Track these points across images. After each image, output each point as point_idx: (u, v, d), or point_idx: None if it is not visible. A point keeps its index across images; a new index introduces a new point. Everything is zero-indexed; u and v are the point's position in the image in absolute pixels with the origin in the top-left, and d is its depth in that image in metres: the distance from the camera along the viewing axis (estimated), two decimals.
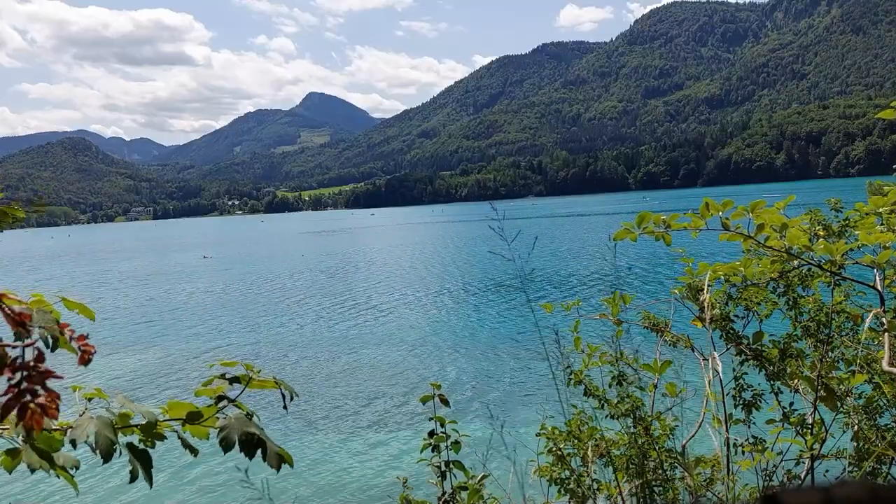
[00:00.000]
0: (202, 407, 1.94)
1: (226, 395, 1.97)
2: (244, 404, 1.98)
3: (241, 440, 1.84)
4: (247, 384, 2.02)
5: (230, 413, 1.93)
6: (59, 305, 1.70)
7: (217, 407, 1.92)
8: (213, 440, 1.86)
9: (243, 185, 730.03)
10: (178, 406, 1.95)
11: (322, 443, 19.97)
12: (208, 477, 17.91)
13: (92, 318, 1.91)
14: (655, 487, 4.00)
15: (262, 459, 1.89)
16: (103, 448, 1.70)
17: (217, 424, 1.88)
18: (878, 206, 3.61)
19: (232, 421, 1.88)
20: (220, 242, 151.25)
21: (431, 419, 4.43)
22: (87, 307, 1.87)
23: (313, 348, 32.70)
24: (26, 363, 1.47)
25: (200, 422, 1.93)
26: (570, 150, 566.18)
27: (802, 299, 4.24)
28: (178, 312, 47.70)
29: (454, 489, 4.32)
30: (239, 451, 1.84)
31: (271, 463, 1.89)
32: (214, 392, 1.97)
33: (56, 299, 1.72)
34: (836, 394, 3.96)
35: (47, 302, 1.66)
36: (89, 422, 1.76)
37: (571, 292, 43.33)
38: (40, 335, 1.55)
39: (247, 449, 1.84)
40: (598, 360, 4.41)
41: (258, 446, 1.86)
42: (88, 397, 1.94)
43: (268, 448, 1.88)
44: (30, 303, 1.61)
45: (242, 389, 2.01)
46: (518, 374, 25.47)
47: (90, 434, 1.72)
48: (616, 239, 3.59)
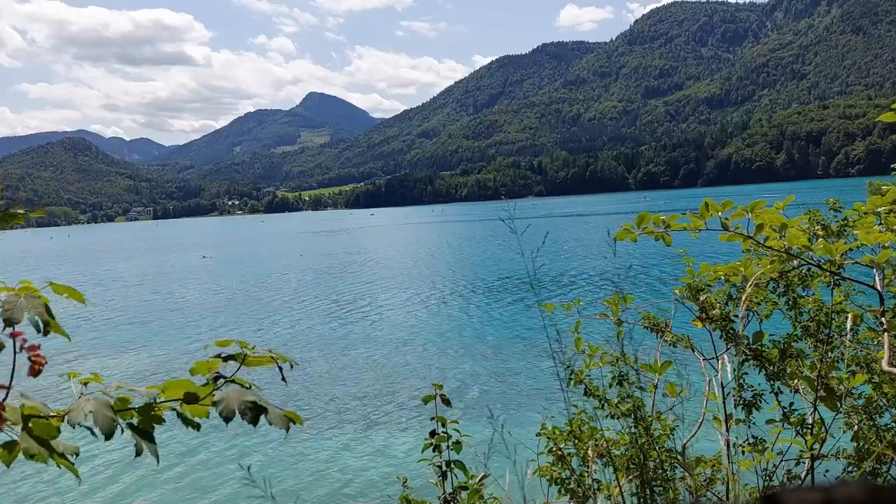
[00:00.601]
0: (199, 386, 1.92)
1: (221, 373, 1.94)
2: (242, 379, 1.95)
3: (241, 409, 1.81)
4: (242, 361, 2.00)
5: (227, 388, 1.91)
6: (46, 291, 1.67)
7: (213, 386, 1.90)
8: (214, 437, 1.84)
9: (243, 185, 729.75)
10: (176, 385, 1.93)
11: (322, 442, 19.98)
12: (210, 475, 17.92)
13: (82, 300, 1.87)
14: (656, 487, 4.00)
15: (268, 424, 1.86)
16: (103, 425, 1.67)
17: (215, 398, 1.86)
18: (876, 206, 3.61)
19: (229, 393, 1.86)
20: (219, 242, 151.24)
21: (433, 419, 4.43)
22: (75, 290, 1.83)
23: (313, 348, 32.71)
24: None
25: (198, 402, 1.90)
26: (570, 150, 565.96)
27: (802, 299, 4.24)
28: (177, 312, 47.69)
29: (455, 489, 4.32)
30: (241, 419, 1.81)
31: (278, 424, 1.87)
32: (209, 368, 1.96)
33: (43, 284, 1.69)
34: (836, 394, 3.97)
35: (35, 288, 1.63)
36: (86, 402, 1.73)
37: (575, 292, 43.30)
38: (31, 322, 1.51)
39: (249, 415, 1.81)
40: (598, 360, 4.42)
41: (260, 412, 1.84)
42: (84, 382, 1.92)
43: (270, 412, 1.86)
44: (17, 289, 1.58)
45: (239, 367, 1.99)
46: (522, 373, 25.48)
47: (87, 413, 1.69)
48: (616, 239, 3.59)
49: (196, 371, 1.97)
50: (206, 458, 19.10)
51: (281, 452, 19.30)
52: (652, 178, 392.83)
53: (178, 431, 20.58)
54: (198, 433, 1.88)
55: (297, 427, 1.78)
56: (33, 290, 1.62)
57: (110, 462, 18.83)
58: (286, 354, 2.08)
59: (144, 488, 17.42)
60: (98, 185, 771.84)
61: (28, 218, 1.78)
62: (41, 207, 1.99)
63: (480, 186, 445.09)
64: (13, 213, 1.90)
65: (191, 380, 1.93)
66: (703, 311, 4.29)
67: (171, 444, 19.45)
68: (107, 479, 17.95)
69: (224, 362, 1.99)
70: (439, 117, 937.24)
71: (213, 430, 21.09)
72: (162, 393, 1.91)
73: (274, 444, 19.76)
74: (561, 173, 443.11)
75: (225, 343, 2.06)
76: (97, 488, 17.44)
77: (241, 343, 2.04)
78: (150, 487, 17.45)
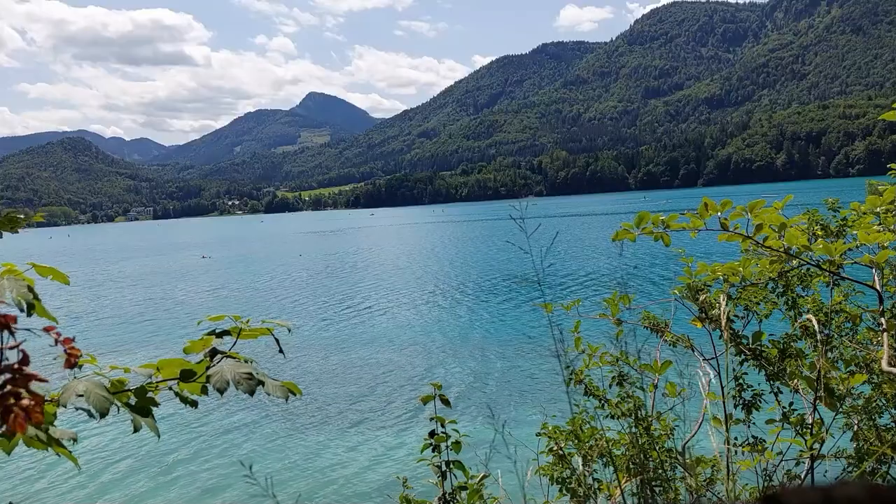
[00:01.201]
0: (195, 364, 1.88)
1: (217, 348, 1.91)
2: (239, 354, 1.92)
3: (236, 380, 1.78)
4: (238, 335, 1.95)
5: (223, 362, 1.87)
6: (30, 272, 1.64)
7: (209, 362, 1.86)
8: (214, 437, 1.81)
9: (243, 185, 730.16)
10: (170, 364, 1.89)
11: (323, 441, 19.99)
12: (212, 473, 17.93)
13: (66, 282, 1.85)
14: (656, 487, 4.01)
15: (266, 393, 1.83)
16: (96, 404, 1.63)
17: (209, 372, 1.82)
18: (874, 206, 3.61)
19: (224, 366, 1.83)
20: (218, 242, 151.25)
21: (432, 419, 4.44)
22: (59, 271, 1.81)
23: (312, 347, 32.71)
24: (10, 366, 1.44)
25: (194, 379, 1.86)
26: (570, 150, 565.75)
27: (801, 299, 4.24)
28: (175, 312, 47.70)
29: (454, 489, 4.32)
30: (235, 390, 1.77)
31: (276, 394, 1.85)
32: (203, 346, 1.92)
33: (27, 266, 1.66)
34: (836, 394, 3.97)
35: (18, 270, 1.62)
36: (78, 383, 1.71)
37: (580, 293, 43.30)
38: (14, 302, 1.51)
39: (245, 385, 1.77)
40: (598, 360, 4.42)
41: (257, 384, 1.81)
42: (79, 364, 1.84)
43: (267, 383, 1.83)
44: (1, 272, 1.58)
45: (234, 342, 1.95)
46: (523, 373, 25.49)
47: (80, 392, 1.67)
48: (615, 239, 3.60)
49: (190, 350, 1.94)
50: (207, 458, 19.11)
51: (281, 452, 19.30)
52: (652, 178, 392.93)
53: (179, 432, 20.59)
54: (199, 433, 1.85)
55: (298, 427, 1.74)
56: (17, 272, 1.60)
57: (111, 462, 18.84)
58: (283, 322, 2.02)
59: (145, 488, 17.42)
60: (98, 185, 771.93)
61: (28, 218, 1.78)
62: (40, 209, 1.97)
63: (480, 186, 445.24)
64: (14, 217, 1.89)
65: (185, 359, 1.89)
66: (702, 311, 4.30)
67: (171, 444, 19.46)
68: (107, 478, 17.95)
69: (219, 339, 1.95)
70: (439, 117, 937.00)
71: (214, 430, 21.12)
72: (157, 372, 1.88)
73: (275, 444, 19.78)
74: (561, 173, 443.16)
75: (218, 318, 2.02)
76: (98, 488, 17.44)
77: (234, 317, 2.00)
78: (151, 487, 17.44)
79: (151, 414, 1.81)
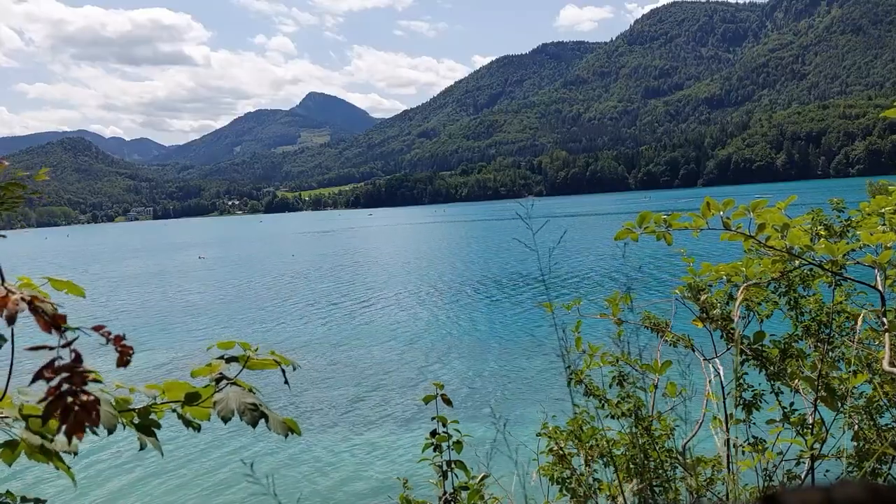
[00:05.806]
0: (201, 388, 1.89)
1: (224, 374, 1.92)
2: (245, 382, 1.93)
3: (241, 409, 1.79)
4: (245, 364, 1.97)
5: (228, 389, 1.88)
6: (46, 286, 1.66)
7: (215, 388, 1.87)
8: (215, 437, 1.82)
9: (243, 185, 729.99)
10: (176, 386, 1.90)
11: (323, 441, 19.99)
12: (213, 474, 17.94)
13: (82, 295, 1.86)
14: (656, 487, 4.00)
15: (268, 428, 1.85)
16: (104, 420, 1.62)
17: (214, 398, 1.83)
18: (881, 206, 3.61)
19: (230, 394, 1.84)
20: (217, 242, 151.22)
21: (434, 419, 4.43)
22: (75, 285, 1.81)
23: (313, 347, 32.70)
24: (67, 364, 1.45)
25: (199, 403, 1.87)
26: (570, 150, 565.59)
27: (803, 299, 4.24)
28: (173, 312, 47.68)
29: (455, 489, 4.32)
30: (240, 419, 1.78)
31: (277, 430, 1.86)
32: (211, 370, 1.93)
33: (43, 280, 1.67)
34: (837, 394, 3.96)
35: (35, 284, 1.62)
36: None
37: (584, 293, 43.30)
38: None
39: (249, 416, 1.79)
40: (599, 360, 4.42)
41: (260, 416, 1.82)
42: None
43: (270, 418, 1.84)
44: (18, 286, 1.57)
45: (241, 369, 1.96)
46: (524, 373, 25.48)
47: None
48: (616, 238, 3.60)
49: (197, 374, 1.96)
50: (207, 457, 19.12)
51: (282, 452, 19.30)
52: (652, 178, 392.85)
53: (180, 432, 20.56)
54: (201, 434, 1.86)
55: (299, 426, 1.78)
56: (33, 286, 1.61)
57: (112, 462, 18.83)
58: (288, 357, 2.05)
59: (146, 487, 17.42)
60: (98, 185, 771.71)
61: (28, 219, 1.75)
62: (40, 209, 1.92)
63: (480, 187, 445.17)
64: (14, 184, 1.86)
65: (191, 383, 1.91)
66: (703, 311, 4.29)
67: (173, 443, 19.45)
68: (108, 479, 17.95)
69: (227, 364, 1.97)
70: (439, 117, 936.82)
71: (215, 429, 21.11)
72: (163, 394, 1.90)
73: (275, 445, 19.77)
74: (561, 173, 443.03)
75: (228, 345, 2.03)
76: (99, 489, 17.44)
77: (243, 345, 2.01)
78: (151, 486, 17.44)
79: (154, 434, 1.83)
